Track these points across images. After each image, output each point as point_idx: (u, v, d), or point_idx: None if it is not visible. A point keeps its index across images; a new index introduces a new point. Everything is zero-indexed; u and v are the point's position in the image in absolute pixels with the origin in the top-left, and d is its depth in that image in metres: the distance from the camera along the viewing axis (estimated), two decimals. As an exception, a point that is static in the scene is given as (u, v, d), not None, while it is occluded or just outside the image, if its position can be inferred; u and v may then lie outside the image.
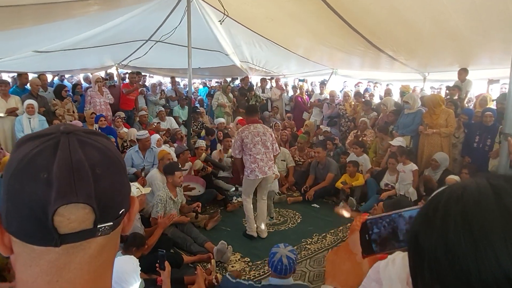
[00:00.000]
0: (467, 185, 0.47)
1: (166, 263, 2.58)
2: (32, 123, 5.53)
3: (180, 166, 4.35)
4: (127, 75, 9.17)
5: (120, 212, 0.52)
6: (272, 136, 4.37)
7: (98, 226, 0.49)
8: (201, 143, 5.97)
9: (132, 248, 3.08)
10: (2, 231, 0.49)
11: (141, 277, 2.84)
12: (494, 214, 0.42)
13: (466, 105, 6.65)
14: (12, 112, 5.73)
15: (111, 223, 0.50)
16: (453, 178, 4.56)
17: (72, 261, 0.49)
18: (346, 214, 3.37)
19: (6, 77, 8.07)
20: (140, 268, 2.29)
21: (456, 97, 6.26)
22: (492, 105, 6.10)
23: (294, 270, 2.39)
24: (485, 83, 7.63)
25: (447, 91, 6.78)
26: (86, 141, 0.51)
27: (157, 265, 2.60)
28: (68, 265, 0.49)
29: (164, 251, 2.65)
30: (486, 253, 0.41)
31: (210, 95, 9.88)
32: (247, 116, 4.58)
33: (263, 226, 4.41)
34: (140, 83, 8.30)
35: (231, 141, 5.58)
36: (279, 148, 6.18)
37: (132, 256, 2.26)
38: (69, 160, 0.47)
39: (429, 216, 0.48)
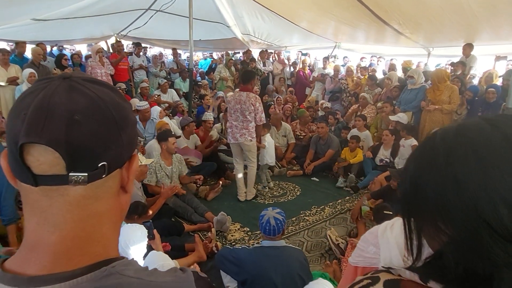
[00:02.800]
0: (459, 124, 0.50)
1: (154, 231, 2.64)
2: (32, 93, 5.49)
3: (173, 133, 4.40)
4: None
5: (100, 165, 0.50)
6: (254, 106, 4.29)
7: (70, 174, 0.48)
8: (209, 116, 5.91)
9: (134, 216, 3.14)
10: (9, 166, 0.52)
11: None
12: (497, 142, 0.45)
13: (472, 81, 6.57)
14: (13, 81, 5.70)
15: (86, 174, 0.49)
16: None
17: (52, 205, 0.50)
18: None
19: (5, 45, 7.94)
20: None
21: (459, 73, 6.18)
22: (498, 82, 6.03)
23: (283, 231, 2.45)
24: (492, 59, 7.50)
25: (451, 67, 6.69)
26: (77, 87, 0.50)
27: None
28: (50, 209, 0.50)
29: (150, 221, 2.71)
30: (494, 178, 0.44)
31: (209, 71, 9.72)
32: (241, 82, 4.59)
33: (250, 189, 4.67)
34: (135, 53, 8.20)
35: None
36: (281, 122, 6.24)
37: (142, 225, 2.32)
38: (46, 102, 0.48)
39: (428, 157, 0.49)
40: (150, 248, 2.41)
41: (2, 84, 5.65)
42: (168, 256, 2.15)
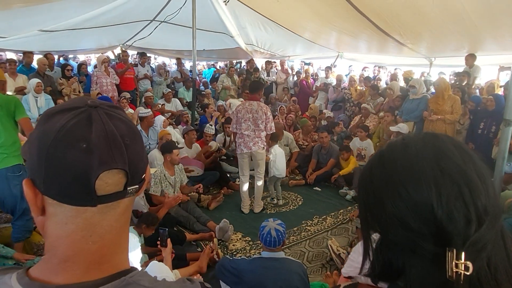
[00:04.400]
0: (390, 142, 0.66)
1: (168, 241, 2.66)
2: (38, 102, 5.58)
3: (177, 144, 4.41)
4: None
5: (143, 177, 0.61)
6: (266, 115, 4.36)
7: (128, 189, 0.57)
8: (210, 129, 5.83)
9: (142, 224, 3.17)
10: (36, 194, 0.55)
11: (145, 251, 2.96)
12: (399, 161, 0.59)
13: (476, 91, 6.57)
14: (20, 91, 5.79)
15: (137, 186, 0.59)
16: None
17: (104, 219, 0.57)
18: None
19: (14, 56, 8.09)
20: (143, 243, 2.38)
21: (464, 83, 6.19)
22: (500, 92, 6.03)
23: (283, 243, 2.46)
24: (496, 70, 7.50)
25: (455, 78, 6.69)
26: (113, 114, 0.58)
27: (158, 242, 2.68)
28: (101, 222, 0.56)
29: (166, 229, 2.72)
30: (393, 191, 0.58)
31: (213, 80, 9.81)
32: (248, 92, 4.61)
33: (257, 202, 4.61)
34: (139, 62, 8.31)
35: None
36: (283, 131, 6.26)
37: (132, 234, 2.36)
38: (105, 131, 0.54)
39: (364, 169, 0.66)
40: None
41: (10, 93, 5.74)
42: (168, 269, 2.17)
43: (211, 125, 5.99)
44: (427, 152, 0.58)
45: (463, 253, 0.52)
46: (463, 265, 0.52)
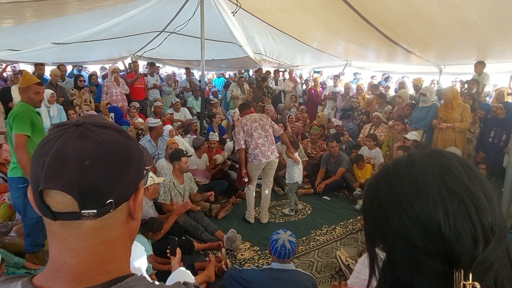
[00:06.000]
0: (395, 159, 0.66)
1: (178, 250, 2.67)
2: (51, 112, 5.70)
3: (186, 153, 4.44)
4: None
5: (108, 202, 0.57)
6: (268, 120, 4.49)
7: (82, 212, 0.56)
8: (214, 136, 5.92)
9: (149, 232, 3.20)
10: None
11: (153, 260, 2.97)
12: (405, 178, 0.60)
13: (486, 99, 6.52)
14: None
15: (95, 211, 0.56)
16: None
17: (70, 235, 0.58)
18: None
19: (29, 68, 8.28)
20: (151, 252, 2.41)
21: (474, 91, 6.14)
22: (510, 99, 5.97)
23: (294, 253, 2.46)
24: (508, 77, 7.41)
25: (464, 85, 6.65)
26: (87, 134, 0.57)
27: (168, 250, 2.69)
28: (69, 238, 0.58)
29: (176, 238, 2.73)
30: (399, 208, 0.58)
31: (226, 86, 9.93)
32: (241, 114, 4.64)
33: (264, 212, 4.58)
34: (149, 72, 8.43)
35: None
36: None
37: (137, 243, 2.39)
38: (59, 150, 0.55)
39: (369, 184, 0.67)
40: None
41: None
42: (191, 275, 2.20)
43: (215, 133, 6.11)
44: (433, 169, 0.58)
45: (470, 274, 0.52)
46: (471, 285, 0.52)
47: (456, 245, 0.53)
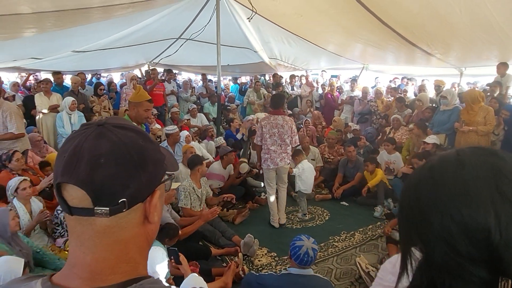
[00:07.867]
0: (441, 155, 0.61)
1: (181, 257, 2.69)
2: (72, 119, 5.83)
3: (203, 160, 4.48)
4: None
5: (120, 201, 0.58)
6: (291, 129, 4.36)
7: (95, 208, 0.57)
8: (220, 140, 6.06)
9: (165, 239, 3.20)
10: None
11: (170, 266, 2.96)
12: (452, 179, 0.55)
13: (510, 101, 6.31)
14: (54, 109, 6.08)
15: (107, 209, 0.57)
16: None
17: (84, 232, 0.59)
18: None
19: (49, 76, 8.53)
20: (166, 259, 2.42)
21: (497, 94, 5.95)
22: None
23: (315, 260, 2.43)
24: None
25: (487, 87, 6.45)
26: (105, 134, 0.59)
27: (172, 260, 2.70)
28: (83, 234, 0.59)
29: (176, 248, 2.76)
30: (443, 211, 0.54)
31: (241, 92, 9.96)
32: (271, 107, 4.61)
33: (282, 212, 4.59)
34: (166, 79, 8.53)
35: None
36: (310, 146, 6.20)
37: (159, 247, 2.41)
38: (77, 147, 0.57)
39: (409, 181, 0.62)
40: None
41: (45, 111, 6.03)
42: (204, 281, 2.19)
43: (220, 138, 6.19)
44: (485, 171, 0.53)
45: None
46: None
47: (505, 253, 0.49)
